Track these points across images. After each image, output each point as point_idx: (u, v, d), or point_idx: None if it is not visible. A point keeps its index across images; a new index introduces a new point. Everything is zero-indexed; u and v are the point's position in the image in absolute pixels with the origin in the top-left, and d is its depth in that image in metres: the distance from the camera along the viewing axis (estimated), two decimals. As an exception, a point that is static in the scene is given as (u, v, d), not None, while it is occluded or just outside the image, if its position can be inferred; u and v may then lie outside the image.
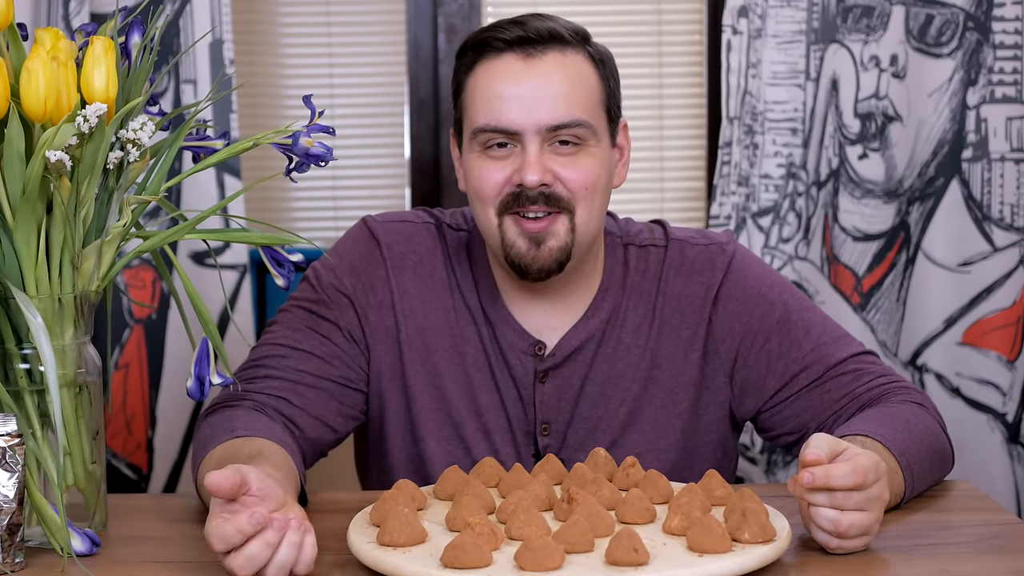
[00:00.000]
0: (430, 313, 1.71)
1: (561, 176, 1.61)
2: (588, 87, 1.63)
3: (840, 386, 1.67)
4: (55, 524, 1.38)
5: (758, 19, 2.55)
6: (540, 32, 1.61)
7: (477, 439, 1.70)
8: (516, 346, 1.70)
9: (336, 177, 2.88)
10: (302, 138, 1.50)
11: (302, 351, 1.67)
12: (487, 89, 1.62)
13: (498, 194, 1.62)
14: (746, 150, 2.57)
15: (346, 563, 1.35)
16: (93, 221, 1.43)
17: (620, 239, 1.75)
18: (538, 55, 1.61)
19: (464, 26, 2.86)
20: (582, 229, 1.63)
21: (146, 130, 1.41)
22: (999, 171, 2.47)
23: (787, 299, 1.73)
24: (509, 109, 1.60)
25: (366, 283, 1.71)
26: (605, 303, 1.72)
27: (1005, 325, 2.47)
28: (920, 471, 1.55)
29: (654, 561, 1.25)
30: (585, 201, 1.62)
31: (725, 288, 1.72)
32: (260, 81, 2.84)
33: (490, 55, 1.63)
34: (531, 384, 1.70)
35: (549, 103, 1.60)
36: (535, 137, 1.60)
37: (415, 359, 1.71)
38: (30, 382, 1.43)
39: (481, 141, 1.63)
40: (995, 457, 2.48)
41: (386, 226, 1.75)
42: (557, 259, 1.63)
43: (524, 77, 1.61)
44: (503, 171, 1.62)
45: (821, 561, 1.35)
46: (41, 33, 1.41)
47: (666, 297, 1.72)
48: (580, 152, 1.62)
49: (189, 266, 2.52)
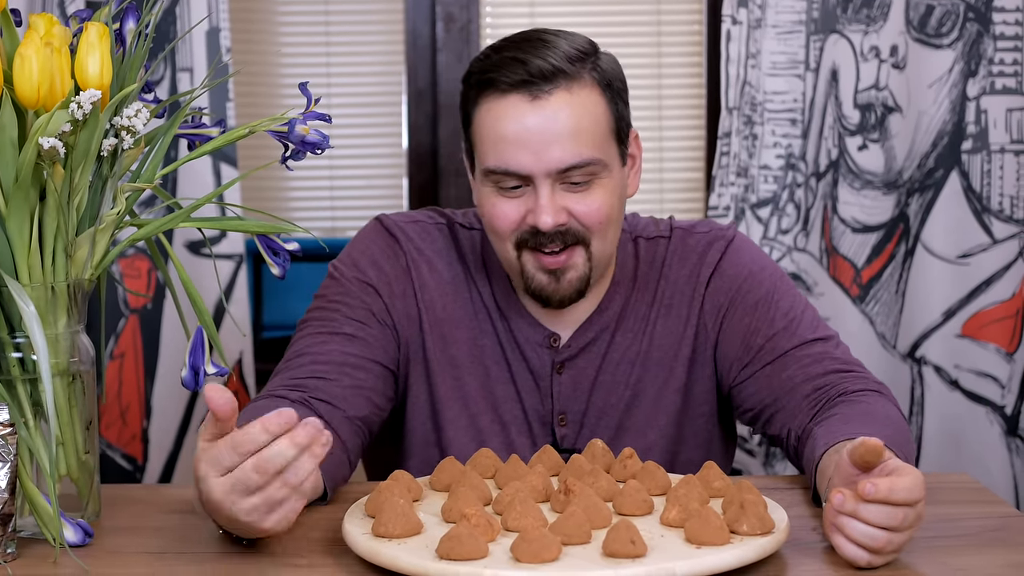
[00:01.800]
0: (448, 306, 1.74)
1: (575, 212, 1.62)
2: (596, 120, 1.62)
3: (800, 367, 1.67)
4: (47, 514, 1.37)
5: (758, 9, 2.54)
6: (544, 71, 1.59)
7: (493, 431, 1.73)
8: (532, 339, 1.73)
9: (333, 166, 2.87)
10: (298, 126, 1.49)
11: (343, 335, 1.68)
12: (494, 131, 1.61)
13: (514, 230, 1.63)
14: (745, 141, 2.56)
15: (341, 554, 1.34)
16: (87, 209, 1.42)
17: (630, 234, 1.78)
18: (544, 96, 1.59)
19: (462, 15, 2.85)
20: (599, 256, 1.66)
21: (140, 117, 1.41)
22: (999, 163, 2.46)
23: (776, 283, 1.75)
24: (518, 153, 1.60)
25: (388, 274, 1.73)
26: (618, 295, 1.75)
27: (1004, 317, 2.46)
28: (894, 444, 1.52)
29: (652, 553, 1.25)
30: (601, 232, 1.64)
31: (720, 268, 1.75)
32: (257, 69, 2.83)
33: (495, 94, 1.61)
34: (548, 376, 1.73)
35: (558, 145, 1.59)
36: (546, 179, 1.60)
37: (436, 349, 1.73)
38: (23, 371, 1.42)
39: (492, 180, 1.63)
40: (994, 450, 2.48)
41: (401, 224, 1.77)
42: (577, 288, 1.66)
43: (531, 118, 1.59)
44: (517, 210, 1.63)
45: (819, 553, 1.34)
46: (35, 19, 1.40)
47: (667, 282, 1.76)
48: (593, 186, 1.62)
49: (185, 255, 2.51)
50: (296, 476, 1.25)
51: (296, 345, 1.69)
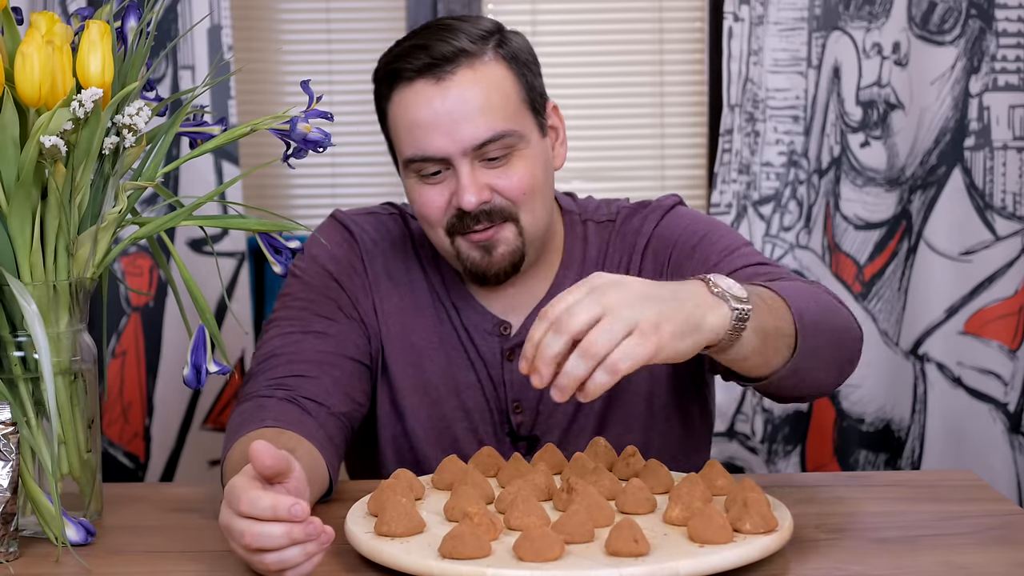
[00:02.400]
0: (406, 295, 1.75)
1: (497, 187, 1.63)
2: (504, 94, 1.63)
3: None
4: (50, 513, 1.37)
5: (760, 6, 2.54)
6: (446, 54, 1.61)
7: (457, 417, 1.74)
8: (481, 327, 1.74)
9: (335, 164, 2.87)
10: (300, 124, 1.49)
11: (315, 333, 1.68)
12: (406, 119, 1.63)
13: (443, 216, 1.65)
14: (747, 138, 2.56)
15: (343, 553, 1.34)
16: (88, 207, 1.42)
17: (579, 216, 1.78)
18: (448, 76, 1.61)
19: (463, 12, 2.84)
20: (530, 230, 1.67)
21: (142, 115, 1.40)
22: (1001, 159, 2.46)
23: (712, 228, 1.72)
24: (431, 136, 1.61)
25: (347, 268, 1.75)
26: (567, 280, 1.74)
27: (1007, 314, 2.46)
28: (807, 308, 1.46)
29: (654, 552, 1.24)
30: (527, 204, 1.65)
31: (655, 234, 1.74)
32: (258, 67, 2.83)
33: (402, 84, 1.63)
34: (499, 364, 1.73)
35: (469, 122, 1.61)
36: (463, 159, 1.62)
37: (393, 339, 1.74)
38: (24, 370, 1.42)
39: (414, 169, 1.65)
40: (997, 447, 2.47)
41: (355, 217, 1.79)
42: (511, 262, 1.67)
43: (438, 100, 1.61)
44: (442, 195, 1.64)
45: (823, 551, 1.34)
46: (36, 17, 1.40)
47: (612, 264, 1.75)
48: (511, 159, 1.64)
49: (187, 253, 2.51)
50: (279, 563, 1.21)
51: (267, 346, 1.68)
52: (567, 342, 1.28)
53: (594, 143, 2.88)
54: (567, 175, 2.83)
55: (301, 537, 1.20)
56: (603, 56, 2.88)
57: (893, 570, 1.29)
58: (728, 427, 2.61)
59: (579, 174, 2.86)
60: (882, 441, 2.57)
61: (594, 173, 2.87)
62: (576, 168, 2.86)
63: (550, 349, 1.28)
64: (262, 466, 1.22)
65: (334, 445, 1.59)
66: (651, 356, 1.27)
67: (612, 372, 1.27)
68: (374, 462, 1.79)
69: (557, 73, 2.83)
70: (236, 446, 1.50)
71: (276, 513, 1.19)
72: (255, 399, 1.60)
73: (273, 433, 1.49)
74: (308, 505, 1.21)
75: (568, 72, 2.87)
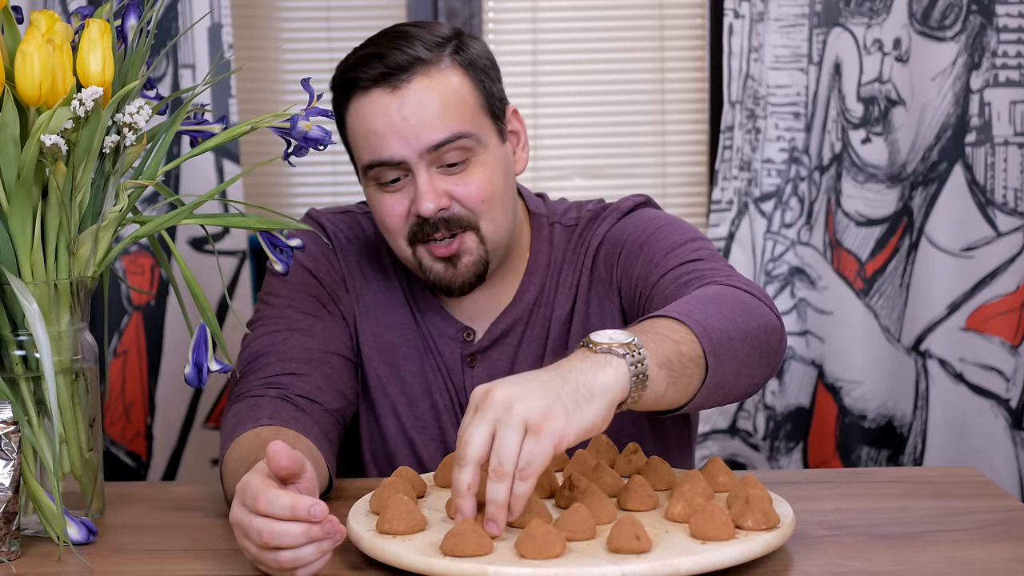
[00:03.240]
0: (379, 293, 1.75)
1: (456, 195, 1.62)
2: (461, 99, 1.63)
3: (673, 291, 1.58)
4: (51, 512, 1.37)
5: (760, 2, 2.54)
6: (400, 63, 1.61)
7: (430, 416, 1.74)
8: (445, 332, 1.74)
9: (336, 162, 2.87)
10: (300, 122, 1.49)
11: (301, 330, 1.68)
12: (363, 127, 1.63)
13: (404, 225, 1.64)
14: (748, 134, 2.56)
15: (345, 551, 1.34)
16: (89, 206, 1.42)
17: (547, 219, 1.77)
18: (404, 85, 1.61)
19: (464, 10, 2.84)
20: (492, 238, 1.66)
21: (143, 114, 1.40)
22: (1003, 155, 2.45)
23: (662, 225, 1.69)
24: (388, 142, 1.61)
25: (324, 264, 1.75)
26: (532, 285, 1.74)
27: (1009, 311, 2.46)
28: (711, 319, 1.41)
29: (656, 549, 1.24)
30: (487, 213, 1.64)
31: (607, 236, 1.72)
32: (259, 65, 2.83)
33: (359, 93, 1.63)
34: (460, 370, 1.74)
35: (425, 125, 1.60)
36: (421, 163, 1.61)
37: (368, 335, 1.74)
38: (26, 369, 1.42)
39: (373, 177, 1.65)
40: (999, 443, 2.47)
41: (329, 216, 1.80)
42: (475, 272, 1.67)
43: (394, 108, 1.61)
44: (402, 203, 1.64)
45: (825, 548, 1.34)
46: (37, 16, 1.40)
47: (573, 269, 1.74)
48: (470, 165, 1.63)
49: (188, 252, 2.51)
50: (293, 561, 1.23)
51: (254, 345, 1.67)
52: (474, 471, 1.25)
53: (595, 140, 2.88)
54: (568, 172, 2.83)
55: (319, 536, 1.22)
56: (604, 53, 2.88)
57: (895, 566, 1.29)
58: (730, 424, 2.61)
59: (580, 171, 2.86)
60: (884, 437, 2.57)
61: (595, 170, 2.87)
62: (577, 165, 2.85)
63: (461, 483, 1.25)
64: (278, 467, 1.24)
65: (330, 441, 1.60)
66: (555, 446, 1.23)
67: (526, 479, 1.24)
68: (355, 459, 1.78)
69: (558, 71, 2.83)
70: (234, 446, 1.50)
71: (295, 513, 1.21)
72: (248, 398, 1.59)
73: (271, 431, 1.50)
74: (326, 505, 1.22)
75: (569, 69, 2.86)
